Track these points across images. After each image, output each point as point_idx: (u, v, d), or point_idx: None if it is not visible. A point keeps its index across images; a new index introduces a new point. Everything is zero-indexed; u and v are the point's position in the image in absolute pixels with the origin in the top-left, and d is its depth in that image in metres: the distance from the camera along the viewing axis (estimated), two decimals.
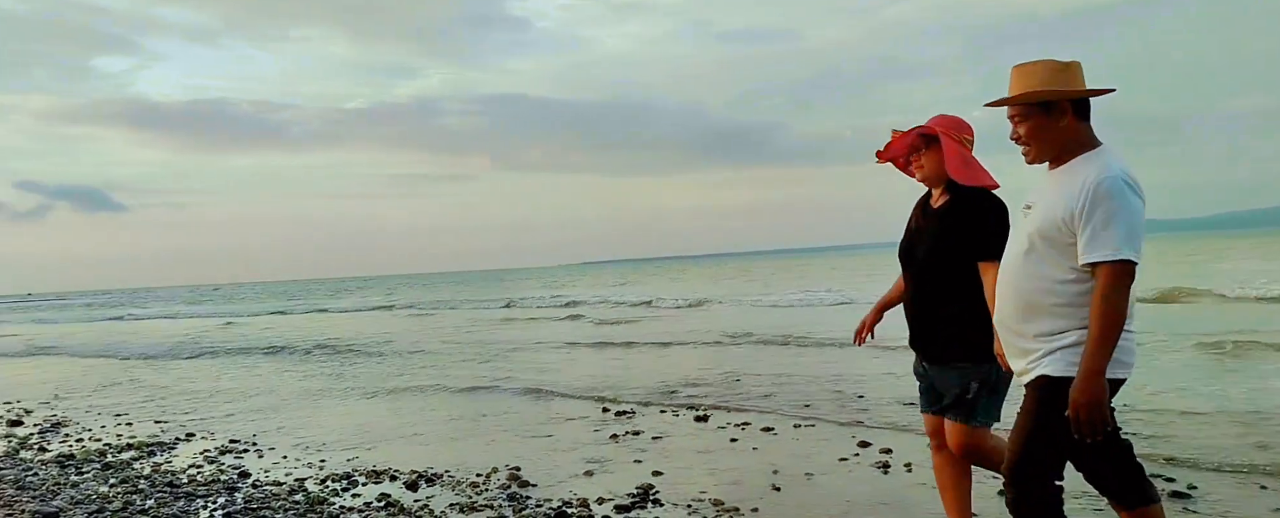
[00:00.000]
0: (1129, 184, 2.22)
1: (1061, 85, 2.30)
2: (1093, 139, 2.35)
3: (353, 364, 11.75)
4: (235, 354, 14.14)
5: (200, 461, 5.52)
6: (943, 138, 2.89)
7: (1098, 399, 2.16)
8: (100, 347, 16.99)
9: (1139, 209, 2.22)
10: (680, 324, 16.27)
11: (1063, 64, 2.33)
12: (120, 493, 4.57)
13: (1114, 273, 2.18)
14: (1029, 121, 2.36)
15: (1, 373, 12.54)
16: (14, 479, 4.95)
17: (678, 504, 4.09)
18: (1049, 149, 2.37)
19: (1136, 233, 2.20)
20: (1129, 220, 2.19)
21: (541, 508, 4.09)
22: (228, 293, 75.53)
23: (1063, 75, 2.31)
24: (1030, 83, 2.34)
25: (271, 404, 8.20)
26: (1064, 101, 2.31)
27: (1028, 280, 2.33)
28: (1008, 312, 2.40)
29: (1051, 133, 2.34)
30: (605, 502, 4.17)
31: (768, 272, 47.38)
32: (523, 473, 4.81)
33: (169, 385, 10.16)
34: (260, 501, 4.37)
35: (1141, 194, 2.24)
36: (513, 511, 4.08)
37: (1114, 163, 2.26)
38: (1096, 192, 2.20)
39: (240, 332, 20.50)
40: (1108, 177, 2.21)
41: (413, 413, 7.38)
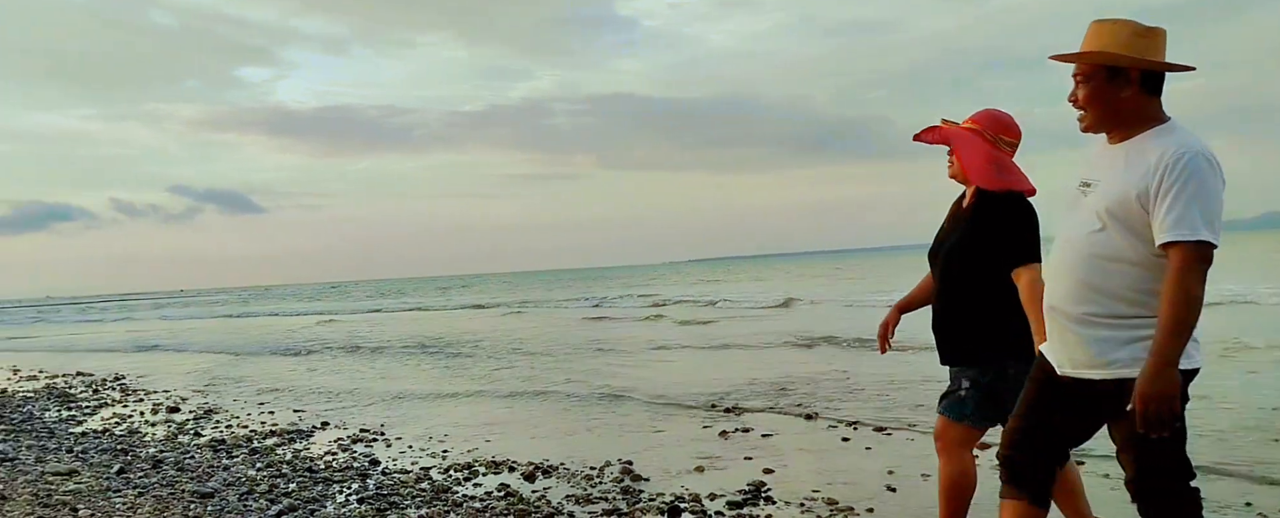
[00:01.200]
0: (1210, 162, 2.03)
1: (1133, 52, 2.08)
2: (1160, 115, 2.13)
3: (468, 360, 12.21)
4: (359, 350, 14.92)
5: (334, 448, 5.89)
6: (970, 139, 2.77)
7: (1169, 393, 1.98)
8: (239, 341, 18.27)
9: (1219, 190, 2.03)
10: (786, 323, 16.09)
11: (1144, 29, 2.11)
12: (266, 477, 4.93)
13: (1190, 255, 1.98)
14: (1089, 85, 2.15)
15: (160, 364, 13.68)
16: (174, 462, 5.42)
17: (790, 502, 4.09)
18: (1105, 119, 2.16)
19: (1216, 215, 2.01)
20: (1209, 201, 2.00)
21: (654, 502, 4.17)
22: (352, 289, 79.61)
23: (1138, 41, 2.09)
24: (1101, 42, 2.12)
25: (395, 397, 8.63)
26: (1132, 70, 2.09)
27: (1095, 262, 2.12)
28: (1066, 296, 2.18)
29: (1111, 102, 2.13)
30: (717, 498, 4.21)
31: (875, 269, 46.11)
32: (635, 467, 4.90)
33: (302, 377, 10.84)
34: (390, 487, 4.63)
35: (1222, 175, 2.05)
36: (626, 504, 4.18)
37: (1192, 139, 2.06)
38: (1175, 168, 2.01)
39: (364, 328, 21.58)
40: (1188, 153, 2.02)
41: (526, 408, 7.62)
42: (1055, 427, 2.29)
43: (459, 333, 17.54)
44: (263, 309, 39.25)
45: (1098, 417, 2.24)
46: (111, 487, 4.63)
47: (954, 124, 2.91)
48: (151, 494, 4.42)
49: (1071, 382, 2.20)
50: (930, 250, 3.03)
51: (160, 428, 6.97)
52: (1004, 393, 2.70)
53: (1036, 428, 2.31)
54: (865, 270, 45.14)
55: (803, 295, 23.67)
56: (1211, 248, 2.01)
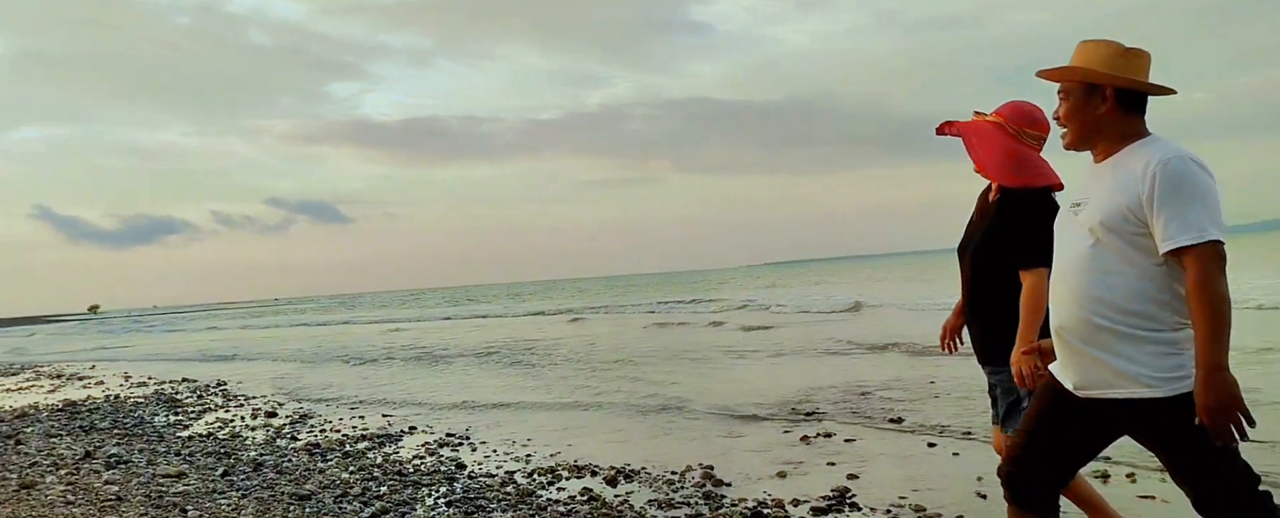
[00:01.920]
0: (1197, 162, 2.04)
1: (1112, 70, 2.15)
2: (1141, 131, 2.17)
3: (542, 366, 12.38)
4: (440, 357, 15.30)
5: (422, 453, 6.06)
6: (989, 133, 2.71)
7: (1231, 396, 1.93)
8: (327, 348, 18.96)
9: (1214, 188, 2.04)
10: (855, 328, 15.79)
11: (1125, 50, 2.17)
12: (359, 479, 5.10)
13: (1205, 257, 1.98)
14: (1069, 101, 2.22)
15: (256, 370, 14.31)
16: (273, 465, 5.66)
17: (876, 509, 4.01)
18: (1084, 135, 2.21)
19: (1218, 213, 2.01)
20: (1206, 199, 2.01)
21: (737, 507, 4.15)
22: (433, 296, 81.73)
23: (1117, 60, 2.16)
24: (1082, 61, 2.20)
25: (476, 403, 8.82)
26: (1107, 88, 2.16)
27: (1096, 278, 2.12)
28: (1070, 317, 2.17)
29: (1087, 118, 2.19)
30: (800, 503, 4.16)
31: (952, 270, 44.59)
32: (716, 472, 4.89)
33: (387, 384, 11.19)
34: (476, 491, 4.73)
35: (1212, 173, 2.06)
36: (709, 508, 4.17)
37: (1174, 146, 2.09)
38: (1163, 173, 2.03)
39: (444, 335, 22.13)
40: (1173, 158, 2.04)
41: (602, 414, 7.68)
42: (1068, 443, 2.26)
43: (531, 339, 17.80)
44: (349, 317, 40.63)
45: (1113, 434, 2.23)
46: (216, 489, 4.87)
47: (984, 117, 2.85)
48: (254, 496, 4.63)
49: (1087, 401, 2.18)
50: (958, 246, 2.97)
51: (259, 432, 7.29)
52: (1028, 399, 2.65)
53: (1045, 444, 2.28)
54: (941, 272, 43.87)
55: (873, 299, 23.03)
56: (1222, 245, 2.01)
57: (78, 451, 6.20)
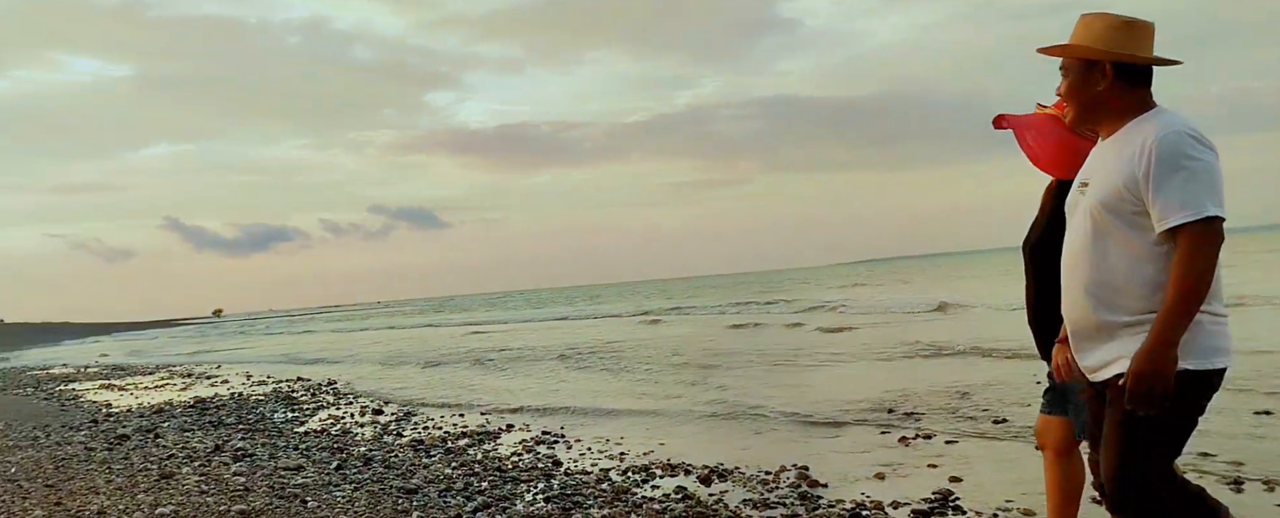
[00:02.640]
0: (1196, 137, 1.97)
1: (1109, 45, 2.09)
2: (1145, 105, 2.10)
3: (629, 367, 12.50)
4: (528, 358, 15.64)
5: (520, 450, 6.23)
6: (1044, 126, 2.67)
7: (1164, 372, 1.92)
8: (427, 349, 19.66)
9: (1212, 162, 1.96)
10: (940, 329, 15.27)
11: (1124, 22, 2.10)
12: (461, 475, 5.30)
13: (1197, 233, 1.93)
14: (1069, 79, 2.17)
15: (366, 371, 14.99)
16: (382, 460, 5.93)
17: (981, 513, 3.91)
18: (1085, 112, 2.17)
19: (1216, 187, 1.94)
20: (1205, 174, 1.94)
21: (834, 509, 4.11)
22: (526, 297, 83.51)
23: (1115, 34, 2.09)
24: (1080, 36, 2.14)
25: (566, 403, 8.99)
26: (1106, 64, 2.09)
27: (1097, 263, 2.07)
28: (1076, 302, 2.14)
29: (1087, 95, 2.14)
30: (901, 506, 4.09)
31: None
32: (812, 473, 4.85)
33: (483, 383, 11.53)
34: (573, 487, 4.84)
35: (1212, 147, 1.98)
36: (805, 510, 4.15)
37: (1173, 119, 2.02)
38: (1159, 150, 1.96)
39: (535, 336, 22.58)
40: (1170, 132, 1.97)
41: (691, 414, 7.71)
42: None
43: (613, 342, 17.97)
44: (444, 320, 41.95)
45: None
46: (331, 482, 5.14)
47: (1044, 109, 2.78)
48: (365, 489, 4.87)
49: (1102, 385, 2.14)
50: (1022, 243, 2.92)
51: (368, 429, 7.65)
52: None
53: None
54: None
55: (961, 299, 21.71)
56: (1221, 222, 1.94)
57: (208, 444, 6.66)
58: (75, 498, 4.53)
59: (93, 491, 4.76)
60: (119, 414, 9.10)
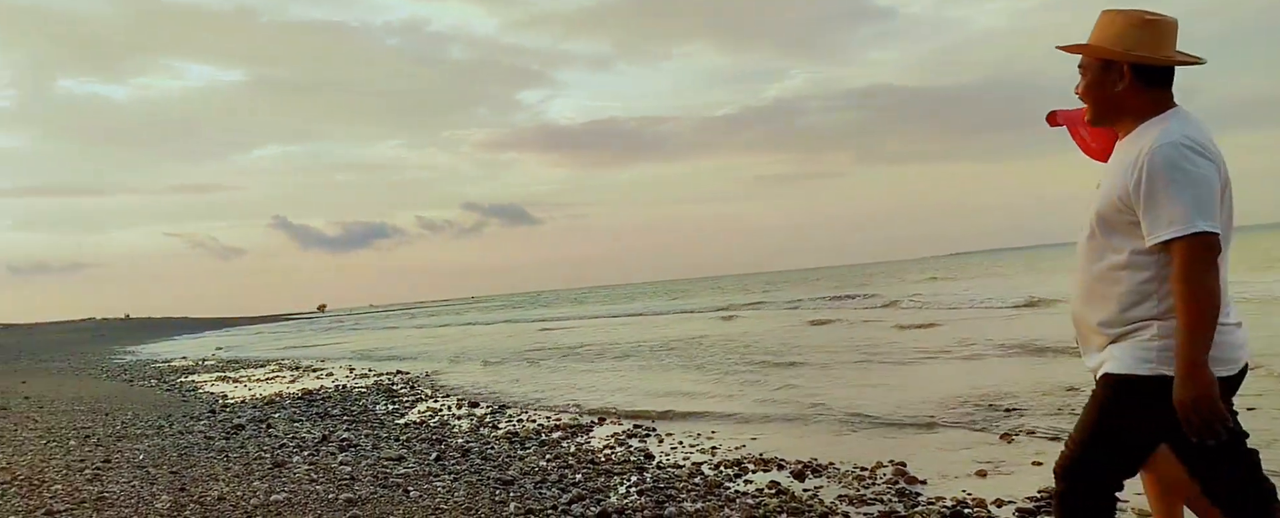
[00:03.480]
0: (1191, 148, 1.93)
1: (1126, 45, 2.03)
2: (1161, 107, 2.05)
3: (715, 363, 12.44)
4: (624, 353, 15.76)
5: (612, 443, 6.29)
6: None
7: (1205, 394, 1.88)
8: (520, 344, 20.09)
9: (1205, 175, 1.92)
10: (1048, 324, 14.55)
11: (1146, 20, 2.04)
12: (555, 467, 5.39)
13: (1190, 249, 1.90)
14: (1088, 77, 2.13)
15: (461, 365, 15.43)
16: (478, 452, 6.09)
17: None
18: (1103, 112, 2.13)
19: (1206, 201, 1.91)
20: (1195, 188, 1.91)
21: (934, 506, 4.00)
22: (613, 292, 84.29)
23: (1134, 32, 2.04)
24: (1100, 34, 2.10)
25: (655, 397, 9.03)
26: (1124, 65, 2.05)
27: (1091, 268, 2.09)
28: (1075, 303, 2.17)
29: (1105, 96, 2.10)
30: (1005, 504, 3.95)
31: None
32: (909, 469, 4.73)
33: (572, 378, 11.70)
34: (665, 481, 4.86)
35: (1212, 156, 1.95)
36: (904, 506, 4.05)
37: (1174, 127, 1.98)
38: (1151, 162, 1.94)
39: (621, 331, 22.76)
40: (1164, 143, 1.94)
41: (782, 410, 7.62)
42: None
43: (698, 336, 17.91)
44: (538, 315, 42.74)
45: None
46: (431, 472, 5.31)
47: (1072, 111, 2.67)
48: (463, 480, 5.01)
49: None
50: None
51: (465, 421, 7.86)
52: None
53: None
54: None
55: (1053, 293, 20.17)
56: (1213, 237, 1.91)
57: (316, 435, 6.97)
58: (197, 485, 4.81)
59: (213, 477, 5.05)
60: (234, 405, 9.64)
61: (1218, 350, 1.94)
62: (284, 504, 4.31)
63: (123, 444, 6.40)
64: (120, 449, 6.12)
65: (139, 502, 4.33)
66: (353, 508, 4.23)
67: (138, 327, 60.65)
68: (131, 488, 4.67)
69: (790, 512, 4.03)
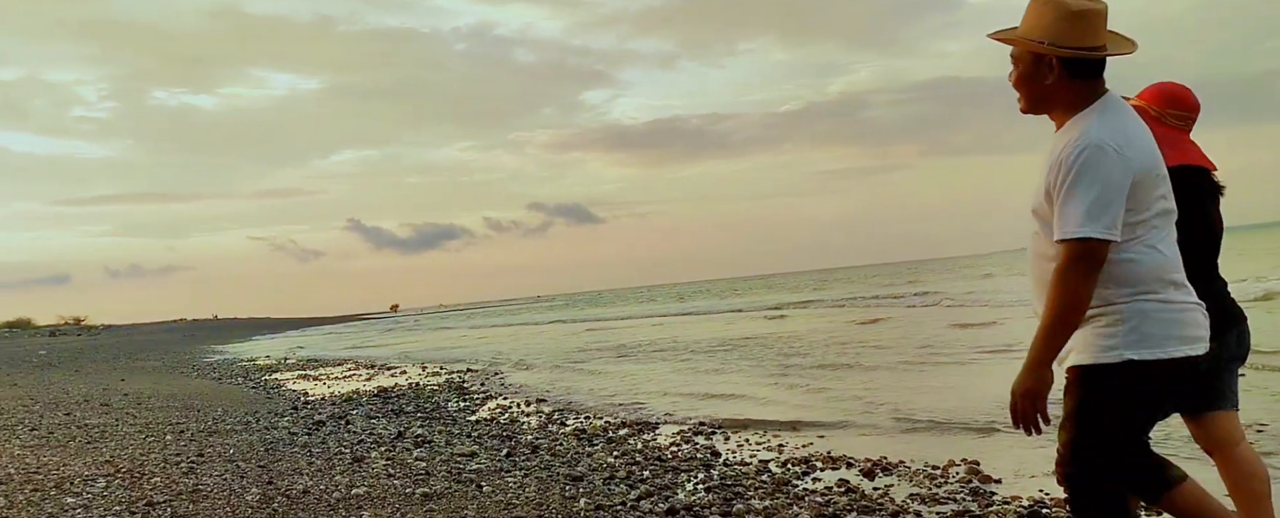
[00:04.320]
0: (1103, 148, 1.93)
1: (1055, 37, 2.02)
2: (1091, 97, 2.05)
3: (779, 361, 12.36)
4: (686, 352, 15.79)
5: (678, 440, 6.34)
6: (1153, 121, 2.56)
7: (1035, 390, 1.99)
8: (589, 341, 20.29)
9: (1110, 177, 1.92)
10: None
11: (1074, 11, 2.01)
12: (622, 464, 5.46)
13: (1069, 251, 1.94)
14: (1018, 68, 2.13)
15: (526, 363, 15.70)
16: (547, 448, 6.21)
17: None
18: (1034, 103, 2.14)
19: (1103, 205, 1.91)
20: (1094, 192, 1.91)
21: (1011, 506, 3.92)
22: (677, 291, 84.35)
23: (1062, 25, 2.02)
24: (1027, 24, 2.09)
25: (718, 392, 9.03)
26: (1052, 58, 2.05)
27: (1037, 263, 2.13)
28: (1032, 297, 2.19)
29: (1035, 86, 2.10)
30: None
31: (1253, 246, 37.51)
32: (983, 468, 4.65)
33: (634, 375, 11.77)
34: (733, 478, 4.87)
35: (1125, 155, 1.94)
36: (978, 506, 3.98)
37: (1094, 126, 1.98)
38: (1064, 162, 1.97)
39: (685, 329, 22.78)
40: (1079, 145, 1.96)
41: (850, 406, 7.54)
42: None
43: (760, 335, 17.80)
44: (601, 314, 43.09)
45: None
46: (503, 468, 5.44)
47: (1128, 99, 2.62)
48: (534, 476, 5.12)
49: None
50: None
51: (533, 418, 8.01)
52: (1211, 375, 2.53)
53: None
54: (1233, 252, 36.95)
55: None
56: (1095, 245, 1.92)
57: (392, 431, 7.20)
58: (284, 478, 5.03)
59: (297, 471, 5.27)
60: (314, 402, 10.01)
61: (1164, 327, 1.99)
62: (364, 498, 4.48)
63: (214, 439, 6.73)
64: (212, 444, 6.44)
65: (231, 494, 4.56)
66: (429, 503, 4.37)
67: (224, 327, 63.45)
68: (223, 481, 4.92)
69: (860, 510, 4.01)
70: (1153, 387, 2.03)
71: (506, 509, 4.20)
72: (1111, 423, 2.06)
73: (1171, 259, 2.04)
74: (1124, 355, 1.99)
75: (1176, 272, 2.05)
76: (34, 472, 5.05)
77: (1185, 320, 2.03)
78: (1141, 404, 2.05)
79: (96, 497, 4.43)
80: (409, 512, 4.16)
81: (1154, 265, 2.00)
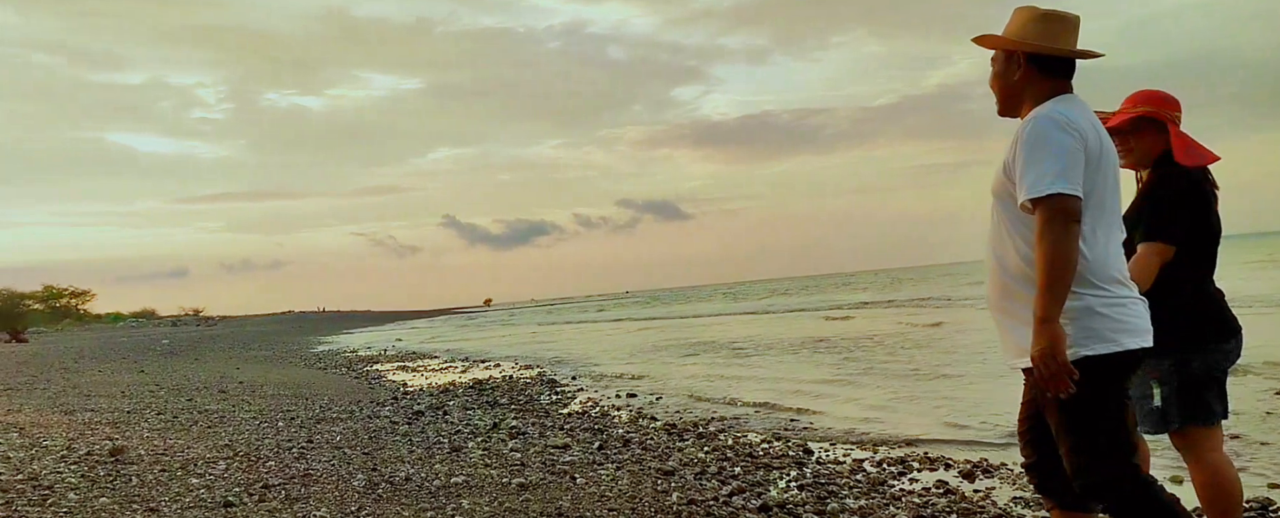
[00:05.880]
0: (1055, 121, 2.07)
1: (1026, 37, 2.20)
2: (1050, 96, 2.19)
3: (859, 358, 12.07)
4: (772, 348, 15.62)
5: (769, 437, 6.29)
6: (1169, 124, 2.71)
7: (1046, 350, 1.99)
8: (668, 339, 20.33)
9: (1068, 143, 2.04)
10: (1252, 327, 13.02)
11: (1045, 14, 2.21)
12: (713, 459, 5.45)
13: (1044, 209, 2.02)
14: (994, 68, 2.29)
15: (615, 358, 15.85)
16: (639, 442, 6.26)
17: None
18: (1004, 100, 2.28)
19: (1068, 167, 2.02)
20: (1055, 155, 2.03)
21: None
22: (759, 288, 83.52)
23: (1032, 26, 2.20)
24: (1007, 29, 2.26)
25: (806, 390, 8.89)
26: (1020, 55, 2.21)
27: (999, 252, 2.20)
28: (990, 293, 2.26)
29: (1005, 85, 2.26)
30: (1204, 513, 3.61)
31: None
32: None
33: (723, 373, 11.72)
34: (826, 477, 4.81)
35: (1076, 129, 2.07)
36: None
37: (1046, 106, 2.14)
38: (1021, 136, 2.09)
39: (772, 327, 22.52)
40: (1032, 118, 2.11)
41: (951, 406, 7.31)
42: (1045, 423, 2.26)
43: (848, 334, 17.40)
44: (688, 310, 43.08)
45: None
46: (595, 460, 5.51)
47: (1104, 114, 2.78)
48: (626, 469, 5.17)
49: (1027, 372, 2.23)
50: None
51: (624, 412, 8.09)
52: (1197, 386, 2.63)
53: (1034, 428, 2.31)
54: None
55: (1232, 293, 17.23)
56: (1068, 199, 2.00)
57: (487, 422, 7.40)
58: (387, 465, 5.24)
59: (399, 459, 5.48)
60: (414, 393, 10.38)
61: (1113, 322, 2.06)
62: (463, 487, 4.62)
63: (321, 427, 7.07)
64: (320, 431, 6.76)
65: (339, 479, 4.78)
66: (525, 493, 4.47)
67: (328, 319, 66.42)
68: (331, 467, 5.16)
69: (961, 513, 3.89)
70: (1114, 382, 2.09)
71: (600, 502, 4.26)
72: (1097, 416, 2.10)
73: (1111, 255, 2.11)
74: (1079, 353, 2.05)
75: (1116, 268, 2.12)
76: (162, 453, 5.42)
77: (1129, 313, 2.11)
78: (1111, 398, 2.10)
79: (218, 478, 4.72)
80: (506, 501, 4.27)
81: (1093, 261, 2.07)
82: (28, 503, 3.95)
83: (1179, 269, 2.60)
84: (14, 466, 4.78)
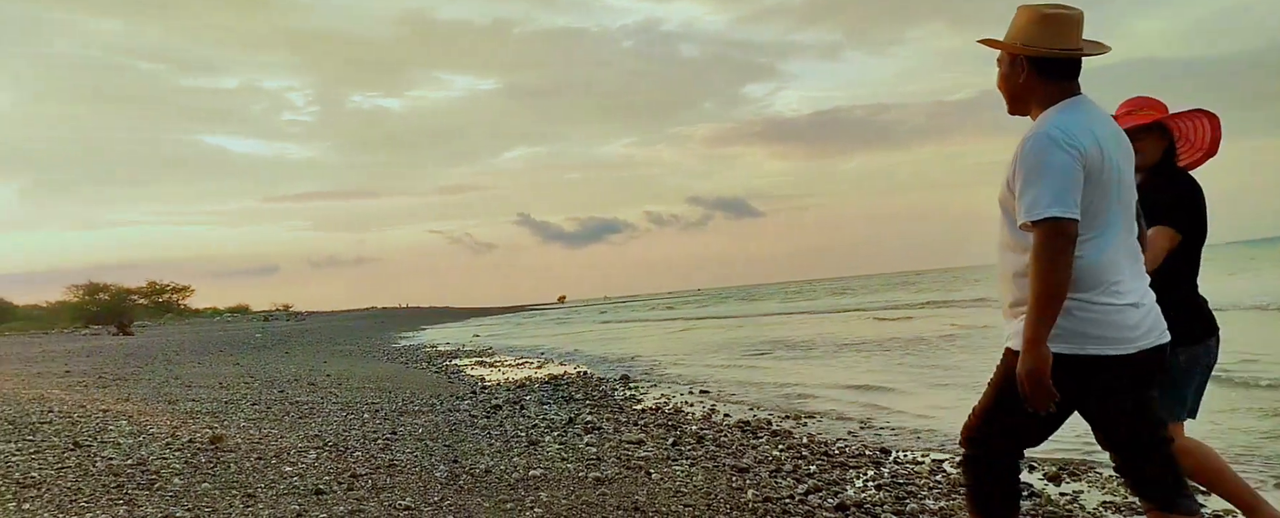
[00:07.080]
0: (1054, 139, 2.06)
1: (1027, 39, 2.18)
2: (1062, 96, 2.18)
3: (926, 358, 11.75)
4: (844, 348, 15.37)
5: (845, 436, 6.21)
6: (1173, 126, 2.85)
7: (1036, 369, 2.06)
8: (739, 337, 20.21)
9: (1064, 164, 2.04)
10: None
11: (1045, 15, 2.17)
12: (789, 457, 5.42)
13: (1041, 233, 2.04)
14: (1000, 70, 2.28)
15: (687, 355, 15.86)
16: (712, 439, 6.27)
17: None
18: (1011, 102, 2.28)
19: (1064, 189, 2.03)
20: (1052, 177, 2.04)
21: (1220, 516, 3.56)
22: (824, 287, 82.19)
23: (1033, 28, 2.18)
24: (1011, 29, 2.24)
25: (880, 388, 8.73)
26: (1021, 57, 2.20)
27: (1001, 253, 2.26)
28: (1002, 299, 2.32)
29: (1011, 86, 2.25)
30: None
31: None
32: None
33: (796, 371, 11.60)
34: (904, 477, 4.73)
35: (1075, 147, 2.06)
36: None
37: (1051, 119, 2.13)
38: (1020, 153, 2.10)
39: (850, 328, 22.15)
40: (1032, 135, 2.11)
41: None
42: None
43: (924, 335, 16.96)
44: (759, 309, 42.75)
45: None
46: (669, 456, 5.55)
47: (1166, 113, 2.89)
48: (700, 465, 5.19)
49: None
50: None
51: (697, 408, 8.10)
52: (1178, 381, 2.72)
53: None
54: None
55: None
56: (1063, 223, 2.01)
57: (563, 417, 7.52)
58: (467, 457, 5.39)
59: (479, 452, 5.63)
60: (491, 387, 10.61)
61: (1084, 325, 2.08)
62: (541, 479, 4.72)
63: (405, 419, 7.30)
64: (403, 423, 6.99)
65: (422, 470, 4.94)
66: (601, 487, 4.54)
67: (409, 315, 68.29)
68: (414, 458, 5.33)
69: (1047, 517, 3.78)
70: (1069, 381, 2.11)
71: (676, 497, 4.29)
72: (1017, 401, 2.16)
73: (1103, 265, 2.11)
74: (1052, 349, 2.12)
75: (1111, 273, 2.12)
76: (257, 442, 5.70)
77: (1104, 321, 2.10)
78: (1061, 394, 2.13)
79: (309, 467, 4.94)
80: (583, 494, 4.34)
81: (1086, 267, 2.09)
82: (136, 487, 4.22)
83: (1178, 263, 2.74)
84: (124, 451, 5.11)
